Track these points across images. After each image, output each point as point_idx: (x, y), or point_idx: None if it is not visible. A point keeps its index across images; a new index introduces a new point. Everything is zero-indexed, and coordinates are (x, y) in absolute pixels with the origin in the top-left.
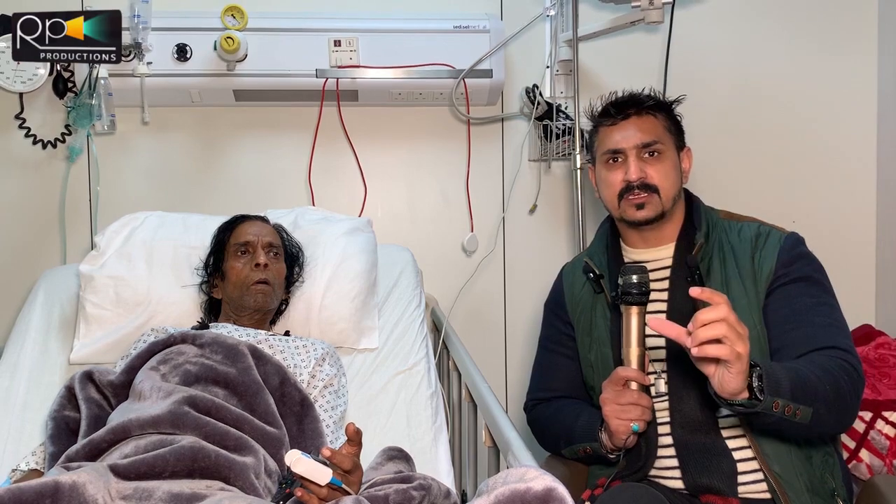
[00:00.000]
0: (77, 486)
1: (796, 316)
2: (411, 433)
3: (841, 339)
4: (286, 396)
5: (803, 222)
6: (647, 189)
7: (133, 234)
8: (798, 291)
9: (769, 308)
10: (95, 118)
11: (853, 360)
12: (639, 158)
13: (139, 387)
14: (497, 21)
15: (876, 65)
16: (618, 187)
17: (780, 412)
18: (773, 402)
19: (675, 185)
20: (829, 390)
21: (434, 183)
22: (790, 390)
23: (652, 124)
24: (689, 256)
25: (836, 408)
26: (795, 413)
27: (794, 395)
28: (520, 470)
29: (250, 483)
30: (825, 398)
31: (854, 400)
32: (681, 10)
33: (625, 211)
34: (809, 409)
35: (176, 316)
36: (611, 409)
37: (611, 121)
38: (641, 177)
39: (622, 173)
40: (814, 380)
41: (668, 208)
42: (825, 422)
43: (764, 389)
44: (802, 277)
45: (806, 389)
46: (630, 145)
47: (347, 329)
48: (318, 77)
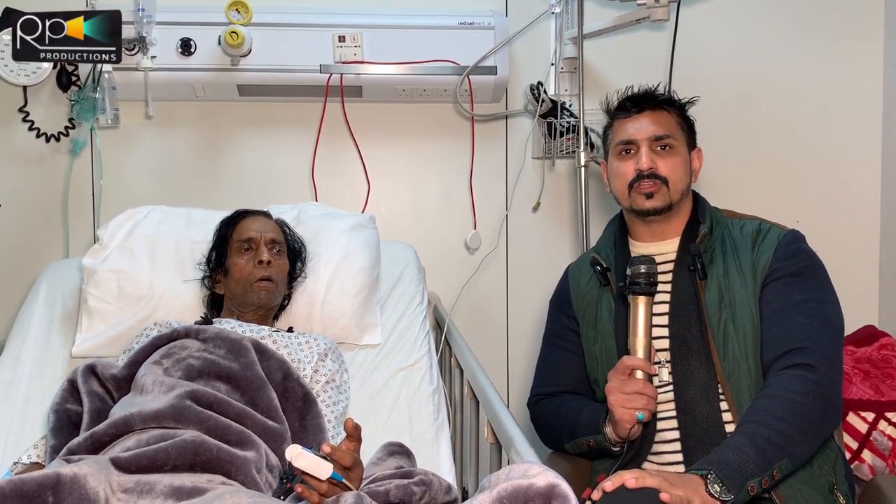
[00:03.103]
0: (78, 478)
1: (781, 312)
2: (413, 429)
3: (818, 336)
4: (289, 391)
5: (807, 222)
6: (656, 179)
7: (136, 227)
8: (789, 287)
9: (762, 301)
10: (99, 112)
11: (816, 370)
12: (651, 150)
13: (141, 381)
14: (502, 18)
15: (881, 65)
16: (629, 177)
17: (759, 487)
18: (747, 487)
19: (683, 180)
20: (796, 426)
21: (437, 180)
22: (756, 465)
23: (665, 119)
24: (693, 245)
25: (809, 435)
26: (774, 474)
27: (761, 466)
28: (522, 466)
29: (251, 477)
30: (794, 438)
31: (825, 413)
32: (686, 9)
33: (634, 200)
34: (786, 460)
35: (178, 310)
36: (616, 398)
37: (626, 114)
38: (652, 167)
39: (633, 163)
40: (777, 427)
41: (675, 200)
42: (807, 451)
43: (729, 489)
44: (796, 273)
45: (771, 449)
46: (643, 136)
47: (350, 325)
48: (322, 72)
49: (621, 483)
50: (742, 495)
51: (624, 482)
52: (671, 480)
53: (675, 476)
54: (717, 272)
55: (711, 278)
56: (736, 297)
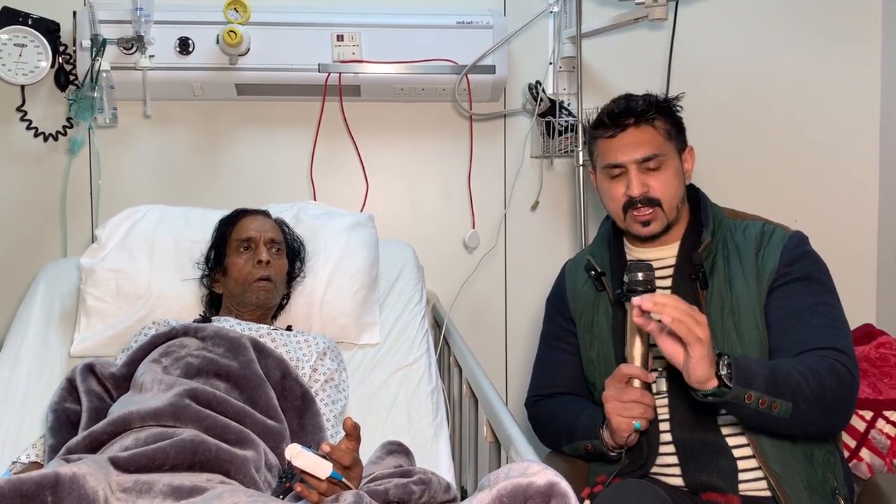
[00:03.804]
0: (77, 477)
1: (794, 316)
2: (412, 428)
3: (838, 339)
4: (287, 390)
5: (805, 221)
6: (650, 204)
7: (134, 227)
8: (798, 291)
9: (770, 307)
10: (97, 111)
11: (846, 361)
12: (640, 171)
13: (140, 379)
14: (500, 17)
15: (879, 64)
16: (621, 201)
17: (755, 404)
18: (746, 393)
19: (677, 195)
20: (813, 387)
21: (436, 179)
22: (764, 383)
23: (651, 135)
24: (695, 254)
25: (819, 405)
26: (772, 406)
27: (768, 387)
28: (522, 464)
29: (251, 477)
30: (807, 394)
31: (842, 400)
32: (685, 8)
33: (630, 225)
34: (788, 404)
35: (177, 309)
36: (613, 407)
37: (609, 132)
38: (644, 192)
39: (624, 187)
40: (795, 376)
41: (672, 218)
42: (809, 419)
43: (733, 378)
44: (804, 277)
45: (784, 384)
46: (630, 159)
47: (349, 324)
48: (320, 72)
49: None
50: (739, 393)
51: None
52: (697, 318)
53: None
54: (720, 279)
55: (714, 286)
56: (740, 304)
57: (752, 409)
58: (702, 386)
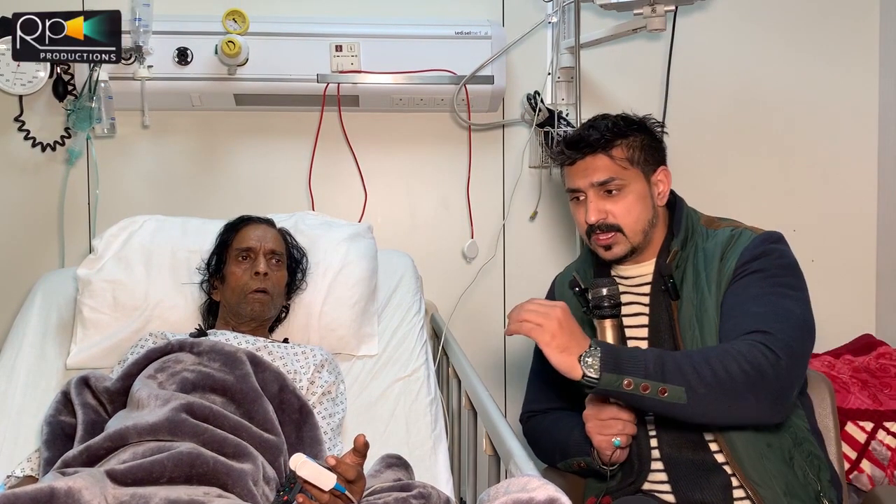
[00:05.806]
0: (73, 491)
1: (737, 307)
2: (410, 440)
3: (770, 323)
4: (285, 403)
5: (804, 231)
6: (609, 229)
7: (131, 237)
8: (749, 283)
9: (723, 305)
10: (95, 121)
11: (769, 340)
12: (598, 197)
13: (137, 395)
14: (499, 27)
15: (877, 73)
16: (584, 226)
17: (636, 391)
18: (622, 380)
19: (640, 219)
20: (717, 370)
21: (434, 189)
22: (645, 369)
23: (604, 162)
24: (664, 265)
25: (724, 388)
26: (660, 391)
27: (652, 373)
28: (522, 479)
29: (248, 490)
30: (706, 378)
31: (759, 382)
32: (683, 18)
33: (595, 249)
34: (680, 388)
35: (174, 321)
36: (593, 426)
37: (568, 160)
38: (601, 217)
39: (584, 213)
40: (693, 360)
41: (637, 242)
42: (715, 403)
43: (601, 365)
44: (759, 270)
45: (673, 369)
46: (586, 184)
47: (347, 335)
48: (319, 82)
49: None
50: (612, 380)
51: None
52: (541, 310)
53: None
54: (688, 289)
55: (684, 297)
56: (705, 312)
57: (645, 398)
58: (569, 375)
